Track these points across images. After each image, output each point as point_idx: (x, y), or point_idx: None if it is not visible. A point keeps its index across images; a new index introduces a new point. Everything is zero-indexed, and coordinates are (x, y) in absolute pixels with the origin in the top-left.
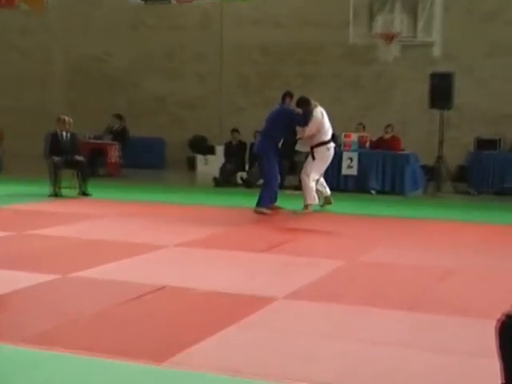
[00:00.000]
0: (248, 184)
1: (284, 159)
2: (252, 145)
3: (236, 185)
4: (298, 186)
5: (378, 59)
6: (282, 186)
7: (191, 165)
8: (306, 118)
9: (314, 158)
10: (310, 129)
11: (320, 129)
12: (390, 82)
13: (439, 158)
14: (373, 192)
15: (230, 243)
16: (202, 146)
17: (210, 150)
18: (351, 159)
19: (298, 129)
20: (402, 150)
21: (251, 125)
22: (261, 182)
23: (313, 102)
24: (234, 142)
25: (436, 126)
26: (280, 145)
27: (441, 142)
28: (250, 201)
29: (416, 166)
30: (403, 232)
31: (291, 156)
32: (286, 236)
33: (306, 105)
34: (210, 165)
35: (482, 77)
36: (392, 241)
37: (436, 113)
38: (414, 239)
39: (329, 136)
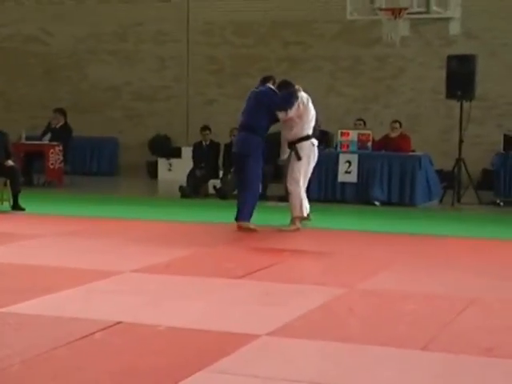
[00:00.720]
0: (222, 194)
1: (266, 163)
2: (228, 145)
3: (207, 195)
4: (284, 196)
5: (381, 39)
6: (264, 197)
7: (152, 171)
8: (290, 98)
9: (299, 158)
10: (292, 111)
11: (303, 115)
12: (396, 68)
13: (459, 160)
14: (377, 203)
15: (200, 268)
16: (164, 147)
17: (175, 153)
18: (349, 163)
19: (280, 114)
20: (413, 150)
21: (226, 121)
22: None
23: (297, 86)
24: (204, 143)
25: (455, 122)
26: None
27: (461, 141)
28: (225, 215)
29: (430, 171)
30: (414, 253)
31: (275, 159)
32: (270, 258)
33: (288, 86)
34: (175, 171)
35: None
36: (400, 264)
37: (454, 105)
38: (428, 262)
39: (311, 129)
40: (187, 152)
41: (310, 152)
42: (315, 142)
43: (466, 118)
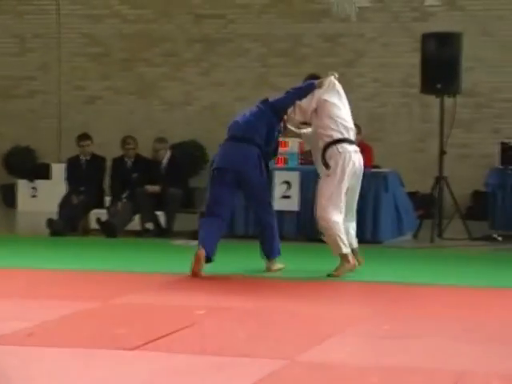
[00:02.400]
0: (110, 230)
1: (172, 186)
2: (118, 160)
3: (88, 231)
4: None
5: (330, 12)
6: (169, 232)
7: (8, 198)
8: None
9: (327, 167)
10: (301, 107)
11: (319, 111)
12: (352, 51)
13: (439, 179)
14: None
15: (78, 335)
16: (26, 164)
17: (42, 172)
18: (288, 184)
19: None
20: (376, 166)
21: (114, 126)
22: (149, 226)
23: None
24: (83, 158)
25: (433, 125)
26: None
27: (442, 153)
28: (114, 258)
29: (400, 194)
30: (377, 309)
31: (184, 181)
32: (178, 319)
33: (311, 78)
34: (42, 197)
35: (509, 38)
36: (358, 325)
37: (433, 102)
38: (401, 320)
39: (348, 134)
40: (59, 170)
41: (343, 161)
42: (350, 147)
43: (448, 120)
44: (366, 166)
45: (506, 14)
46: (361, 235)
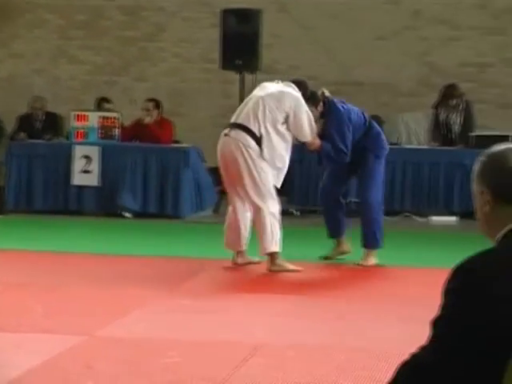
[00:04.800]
0: None
1: None
2: None
3: None
4: None
5: None
6: None
7: None
8: None
9: None
10: None
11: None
12: (153, 25)
13: None
14: (127, 215)
15: None
16: None
17: None
18: (88, 159)
19: None
20: (176, 141)
21: None
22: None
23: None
24: None
25: (234, 101)
26: None
27: None
28: None
29: (201, 170)
30: (179, 284)
31: None
32: None
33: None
34: None
35: (308, 15)
36: (161, 299)
37: (234, 78)
38: (200, 295)
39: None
40: None
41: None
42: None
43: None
44: (166, 140)
45: None
46: (161, 210)
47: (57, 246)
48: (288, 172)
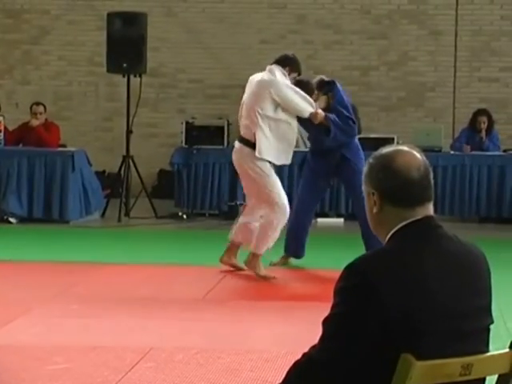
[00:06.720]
0: None
1: None
2: None
3: None
4: None
5: None
6: None
7: None
8: None
9: None
10: None
11: None
12: (37, 28)
13: (126, 158)
14: (13, 220)
15: None
16: None
17: None
18: None
19: None
20: (62, 145)
21: None
22: None
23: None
24: None
25: (121, 105)
26: None
27: (129, 132)
28: None
29: (87, 174)
30: (66, 289)
31: None
32: None
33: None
34: None
35: (194, 19)
36: (49, 304)
37: (120, 81)
38: (89, 300)
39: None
40: None
41: None
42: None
43: (135, 99)
44: (52, 144)
45: None
46: (48, 215)
47: None
48: (176, 175)
